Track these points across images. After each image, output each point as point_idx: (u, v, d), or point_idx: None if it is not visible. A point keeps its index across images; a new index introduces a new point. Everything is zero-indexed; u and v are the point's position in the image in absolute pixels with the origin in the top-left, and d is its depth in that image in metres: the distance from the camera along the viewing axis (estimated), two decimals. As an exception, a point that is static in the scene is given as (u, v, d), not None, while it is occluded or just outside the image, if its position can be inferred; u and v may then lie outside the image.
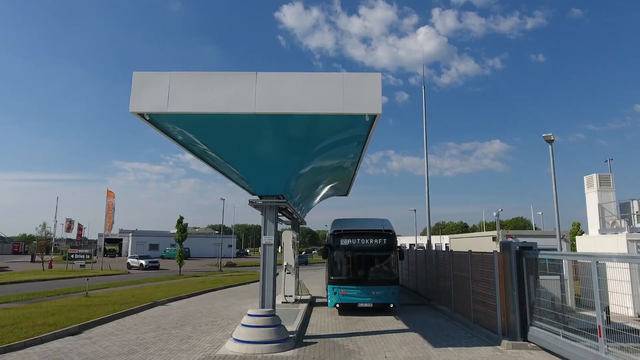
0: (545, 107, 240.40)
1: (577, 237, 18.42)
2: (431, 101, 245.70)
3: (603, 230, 16.77)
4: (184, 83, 9.43)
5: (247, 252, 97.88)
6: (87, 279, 22.29)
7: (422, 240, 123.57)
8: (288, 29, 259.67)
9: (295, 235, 18.26)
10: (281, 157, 10.76)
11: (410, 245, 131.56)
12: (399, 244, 15.85)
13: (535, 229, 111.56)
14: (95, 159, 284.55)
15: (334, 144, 11.42)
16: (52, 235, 73.63)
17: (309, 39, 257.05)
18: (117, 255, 74.81)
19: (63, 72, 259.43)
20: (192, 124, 9.98)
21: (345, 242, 15.47)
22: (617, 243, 15.57)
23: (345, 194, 24.05)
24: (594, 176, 17.52)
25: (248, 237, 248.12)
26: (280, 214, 14.87)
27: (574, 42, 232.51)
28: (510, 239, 15.91)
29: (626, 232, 15.35)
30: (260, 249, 11.43)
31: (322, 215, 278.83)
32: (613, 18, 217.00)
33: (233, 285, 27.90)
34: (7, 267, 43.49)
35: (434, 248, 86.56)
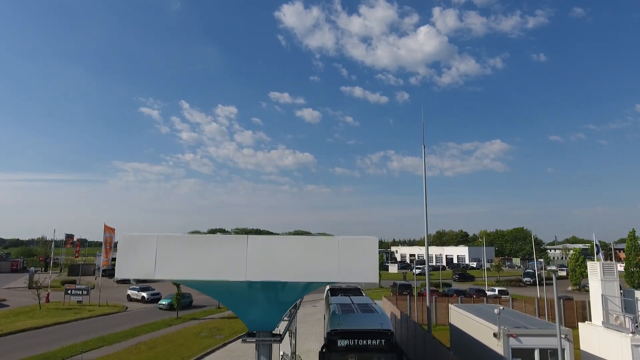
0: (546, 107, 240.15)
1: (580, 326, 18.04)
2: (432, 101, 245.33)
3: (607, 323, 16.39)
4: (172, 247, 9.04)
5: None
6: (82, 352, 21.80)
7: (422, 251, 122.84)
8: (288, 29, 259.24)
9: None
10: (274, 306, 10.37)
11: (410, 256, 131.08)
12: (395, 344, 15.43)
13: (535, 240, 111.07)
14: (95, 159, 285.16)
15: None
16: (50, 254, 73.43)
17: (309, 39, 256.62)
18: (116, 273, 74.54)
19: (63, 72, 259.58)
20: (182, 282, 9.62)
21: (342, 343, 15.00)
22: (621, 345, 15.19)
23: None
24: (598, 265, 17.13)
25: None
26: None
27: (575, 42, 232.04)
28: (511, 338, 15.51)
29: (630, 334, 14.97)
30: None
31: (321, 215, 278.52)
32: (615, 17, 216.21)
33: (231, 339, 27.46)
34: (5, 301, 43.18)
35: (433, 262, 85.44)
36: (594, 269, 17.23)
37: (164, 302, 39.75)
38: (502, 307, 15.83)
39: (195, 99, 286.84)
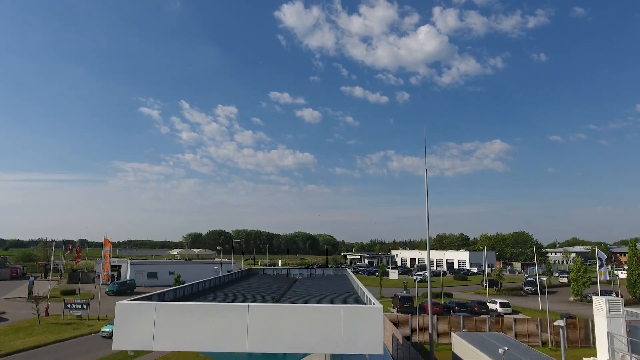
0: (546, 107, 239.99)
1: (585, 362, 17.85)
2: (432, 101, 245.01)
3: (613, 362, 16.18)
4: (171, 316, 8.79)
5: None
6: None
7: (423, 255, 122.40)
8: (288, 29, 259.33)
9: None
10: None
11: (410, 260, 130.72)
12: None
13: (536, 245, 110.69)
14: (95, 159, 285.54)
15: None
16: (50, 260, 73.36)
17: (309, 39, 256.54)
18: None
19: (63, 72, 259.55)
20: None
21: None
22: (627, 387, 14.96)
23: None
24: (604, 300, 16.88)
25: (249, 242, 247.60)
26: None
27: (575, 41, 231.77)
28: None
29: (637, 377, 14.76)
30: None
31: (320, 215, 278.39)
32: (615, 17, 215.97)
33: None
34: (4, 314, 42.93)
35: (434, 266, 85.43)
36: (600, 304, 16.99)
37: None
38: (506, 348, 15.56)
39: (195, 99, 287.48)
